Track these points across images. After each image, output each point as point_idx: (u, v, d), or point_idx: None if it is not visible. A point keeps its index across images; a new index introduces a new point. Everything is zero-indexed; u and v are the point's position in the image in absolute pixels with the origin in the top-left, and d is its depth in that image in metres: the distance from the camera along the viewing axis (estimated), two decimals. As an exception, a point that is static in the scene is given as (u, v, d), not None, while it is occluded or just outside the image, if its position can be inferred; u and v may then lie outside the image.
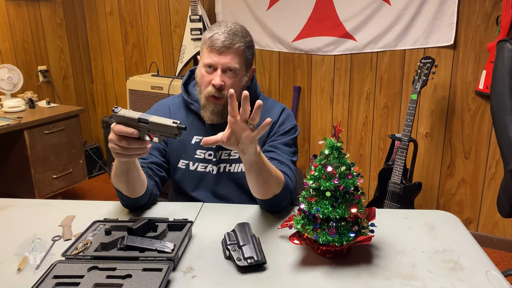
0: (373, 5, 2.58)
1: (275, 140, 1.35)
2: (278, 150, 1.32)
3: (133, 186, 1.17)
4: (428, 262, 0.98)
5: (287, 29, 2.89)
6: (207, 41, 1.29)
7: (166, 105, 1.44)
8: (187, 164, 1.38)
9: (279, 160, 1.28)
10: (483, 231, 2.59)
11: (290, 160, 1.31)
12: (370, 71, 2.73)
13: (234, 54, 1.28)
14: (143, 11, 3.41)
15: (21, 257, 1.01)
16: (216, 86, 1.27)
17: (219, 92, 1.28)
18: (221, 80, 1.27)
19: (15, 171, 2.79)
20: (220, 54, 1.26)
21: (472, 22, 2.36)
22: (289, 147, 1.35)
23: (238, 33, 1.29)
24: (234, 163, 1.37)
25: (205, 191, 1.38)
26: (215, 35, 1.27)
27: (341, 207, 0.94)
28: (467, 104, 2.47)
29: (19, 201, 1.35)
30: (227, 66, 1.27)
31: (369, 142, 2.84)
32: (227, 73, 1.28)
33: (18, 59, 3.20)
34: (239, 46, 1.28)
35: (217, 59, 1.27)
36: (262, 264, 0.95)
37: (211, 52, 1.27)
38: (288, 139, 1.36)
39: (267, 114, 1.38)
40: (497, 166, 2.46)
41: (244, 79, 1.34)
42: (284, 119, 1.39)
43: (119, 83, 3.73)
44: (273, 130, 1.37)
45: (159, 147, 1.37)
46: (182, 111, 1.42)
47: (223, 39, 1.26)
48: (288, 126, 1.38)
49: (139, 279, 0.88)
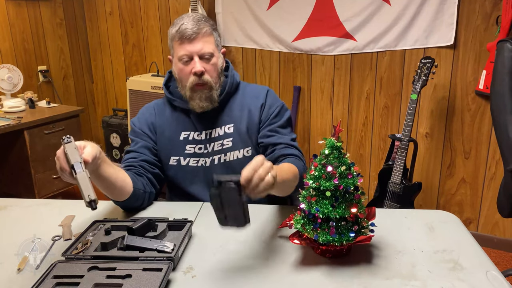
0: (373, 5, 2.58)
1: (271, 123, 1.39)
2: (278, 133, 1.37)
3: (112, 190, 1.17)
4: (428, 262, 0.98)
5: (287, 29, 2.89)
6: (175, 35, 1.32)
7: (151, 108, 1.47)
8: (178, 160, 1.39)
9: (281, 143, 1.34)
10: (483, 231, 2.59)
11: (291, 139, 1.37)
12: (370, 71, 2.73)
13: (205, 38, 1.32)
14: (143, 11, 3.41)
15: (21, 257, 1.01)
16: (198, 73, 1.30)
17: (201, 78, 1.31)
18: (201, 66, 1.30)
19: (15, 171, 2.79)
20: (192, 42, 1.30)
21: (472, 22, 2.36)
22: (286, 128, 1.41)
23: (201, 19, 1.34)
24: (228, 152, 1.39)
25: (201, 185, 1.39)
26: (181, 26, 1.31)
27: (341, 207, 0.94)
28: (467, 104, 2.47)
29: (19, 201, 1.35)
30: (202, 52, 1.31)
31: (369, 142, 2.84)
32: (204, 59, 1.32)
33: (18, 59, 3.20)
34: (206, 30, 1.32)
35: (191, 47, 1.30)
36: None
37: (182, 44, 1.31)
38: (283, 121, 1.41)
39: (254, 99, 1.43)
40: (497, 166, 2.46)
41: (220, 60, 1.38)
42: (271, 101, 1.43)
43: (119, 83, 3.73)
44: (264, 113, 1.41)
45: (149, 146, 1.38)
46: (167, 109, 1.44)
47: (191, 27, 1.30)
48: (278, 107, 1.42)
49: (139, 279, 0.88)
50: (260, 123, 1.40)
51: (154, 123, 1.42)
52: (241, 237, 1.09)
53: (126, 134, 3.26)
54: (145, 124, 1.42)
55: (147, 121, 1.42)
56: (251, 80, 3.11)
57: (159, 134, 1.41)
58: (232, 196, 0.86)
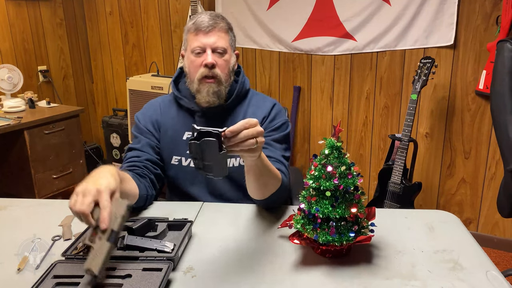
0: (373, 5, 2.58)
1: (267, 136, 1.34)
2: (271, 146, 1.32)
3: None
4: (428, 262, 0.98)
5: (287, 29, 2.89)
6: (191, 27, 1.32)
7: (156, 105, 1.46)
8: (180, 160, 1.38)
9: (272, 157, 1.28)
10: (483, 231, 2.59)
11: (282, 156, 1.32)
12: (370, 71, 2.73)
13: (220, 33, 1.32)
14: (143, 11, 3.41)
15: (21, 257, 1.01)
16: (208, 65, 1.29)
17: (212, 71, 1.30)
18: (213, 59, 1.29)
19: (15, 171, 2.79)
20: (207, 34, 1.30)
21: (472, 22, 2.36)
22: (281, 143, 1.35)
23: (219, 15, 1.35)
24: (228, 158, 1.36)
25: (201, 186, 1.38)
26: (198, 19, 1.31)
27: (341, 207, 0.94)
28: (467, 104, 2.47)
29: (19, 201, 1.35)
30: (216, 46, 1.31)
31: (369, 142, 2.84)
32: (216, 53, 1.31)
33: (18, 59, 3.20)
34: (222, 26, 1.33)
35: (205, 40, 1.30)
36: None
37: (197, 35, 1.31)
38: (280, 136, 1.36)
39: (258, 110, 1.39)
40: (497, 166, 2.46)
41: (233, 60, 1.37)
42: (275, 114, 1.39)
43: (119, 83, 3.73)
44: (264, 125, 1.37)
45: (152, 144, 1.38)
46: (173, 107, 1.43)
47: (208, 20, 1.31)
48: (279, 122, 1.38)
49: (139, 279, 0.88)
50: None
51: (159, 121, 1.41)
52: (241, 237, 1.09)
53: (126, 134, 3.26)
54: (149, 121, 1.41)
55: (152, 118, 1.41)
56: (251, 80, 3.11)
57: (162, 132, 1.40)
58: (211, 148, 0.86)
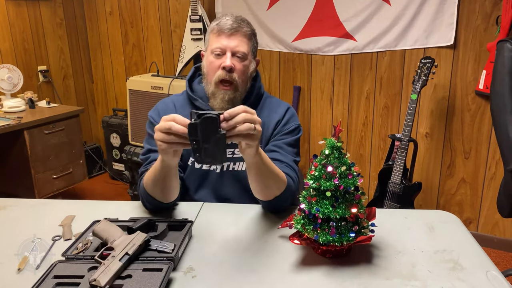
0: (373, 5, 2.58)
1: (279, 139, 1.34)
2: (282, 150, 1.31)
3: (169, 192, 1.17)
4: (428, 262, 0.98)
5: (287, 29, 2.89)
6: (214, 27, 1.31)
7: (170, 103, 1.43)
8: (193, 162, 1.37)
9: (282, 161, 1.27)
10: (483, 231, 2.59)
11: (293, 161, 1.31)
12: (370, 71, 2.73)
13: (242, 38, 1.30)
14: (143, 11, 3.41)
15: (21, 257, 1.01)
16: (226, 68, 1.27)
17: (229, 75, 1.28)
18: (231, 63, 1.27)
19: (15, 171, 2.79)
20: (229, 37, 1.28)
21: (472, 22, 2.36)
22: (293, 147, 1.35)
23: (244, 20, 1.34)
24: (238, 162, 1.35)
25: (207, 190, 1.38)
26: (222, 21, 1.30)
27: (341, 207, 0.94)
28: (467, 104, 2.47)
29: (19, 201, 1.35)
30: (236, 50, 1.29)
31: (369, 142, 2.84)
32: (236, 57, 1.29)
33: (18, 59, 3.20)
34: (246, 30, 1.31)
35: (226, 42, 1.28)
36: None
37: (219, 36, 1.29)
38: (292, 140, 1.35)
39: (272, 113, 1.38)
40: (497, 166, 2.46)
41: (252, 66, 1.35)
42: (288, 118, 1.39)
43: (119, 83, 3.73)
44: (277, 129, 1.36)
45: None
46: (187, 108, 1.41)
47: (231, 23, 1.29)
48: (292, 126, 1.37)
49: (139, 279, 0.88)
50: (271, 137, 1.36)
51: None
52: (241, 237, 1.10)
53: (126, 134, 3.26)
54: None
55: None
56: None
57: None
58: (211, 127, 0.87)
